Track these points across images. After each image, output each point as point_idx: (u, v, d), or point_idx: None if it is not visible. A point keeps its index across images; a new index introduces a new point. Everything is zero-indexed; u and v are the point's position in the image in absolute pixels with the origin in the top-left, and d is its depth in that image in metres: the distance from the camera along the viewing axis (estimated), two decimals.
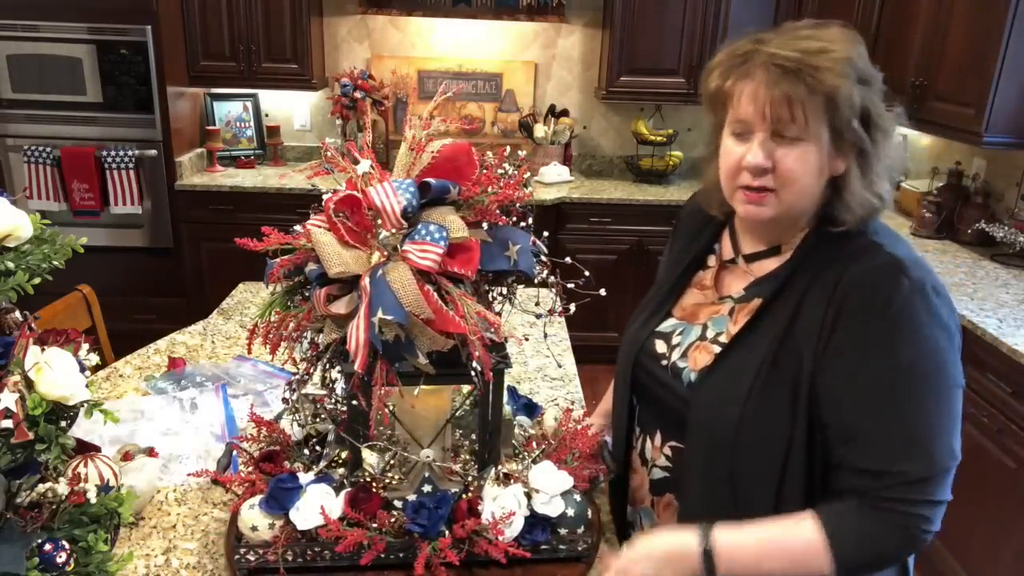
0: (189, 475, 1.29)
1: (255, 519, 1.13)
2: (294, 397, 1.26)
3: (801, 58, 0.96)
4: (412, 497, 1.15)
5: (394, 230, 1.07)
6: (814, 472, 1.02)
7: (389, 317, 1.00)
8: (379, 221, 1.08)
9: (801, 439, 1.00)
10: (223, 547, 1.21)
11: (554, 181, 4.07)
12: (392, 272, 1.03)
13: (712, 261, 1.20)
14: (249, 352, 1.15)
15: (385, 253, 1.08)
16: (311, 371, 1.18)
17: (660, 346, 1.17)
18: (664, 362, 1.15)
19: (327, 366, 1.15)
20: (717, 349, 1.09)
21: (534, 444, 1.31)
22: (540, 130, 4.16)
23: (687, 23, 3.87)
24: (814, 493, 1.02)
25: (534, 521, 1.17)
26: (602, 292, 1.20)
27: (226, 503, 1.33)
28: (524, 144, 4.29)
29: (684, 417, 1.08)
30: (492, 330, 1.08)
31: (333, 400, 1.23)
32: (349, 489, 1.16)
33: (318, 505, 1.12)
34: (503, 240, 1.12)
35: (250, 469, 1.22)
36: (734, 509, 1.04)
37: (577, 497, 1.20)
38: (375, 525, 1.12)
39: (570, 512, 1.18)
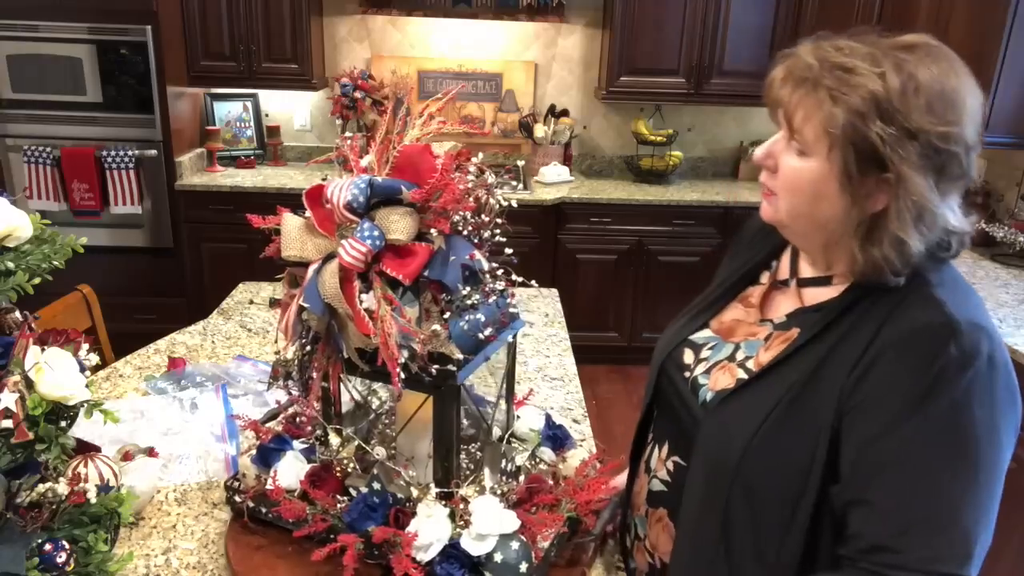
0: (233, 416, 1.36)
1: (246, 467, 1.26)
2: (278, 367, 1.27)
3: (819, 70, 0.89)
4: (365, 490, 1.16)
5: (346, 223, 1.09)
6: (818, 529, 0.92)
7: (306, 305, 1.05)
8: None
9: (814, 486, 0.90)
10: (223, 546, 1.21)
11: (554, 181, 4.07)
12: (328, 265, 1.07)
13: (765, 278, 1.12)
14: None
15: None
16: (289, 345, 1.19)
17: (688, 356, 1.11)
18: (687, 373, 1.09)
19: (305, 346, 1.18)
20: (740, 373, 1.02)
21: (522, 478, 1.23)
22: (540, 130, 4.16)
23: (687, 23, 3.87)
24: (815, 549, 0.93)
25: (454, 554, 1.07)
26: (534, 283, 1.23)
27: (226, 503, 1.33)
28: (524, 144, 4.30)
29: (692, 436, 1.03)
30: (415, 340, 1.04)
31: (305, 376, 1.23)
32: (314, 464, 1.21)
33: (286, 470, 1.21)
34: (450, 249, 1.09)
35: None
36: (721, 545, 0.97)
37: (515, 545, 1.08)
38: (319, 504, 1.16)
39: (498, 557, 1.06)
